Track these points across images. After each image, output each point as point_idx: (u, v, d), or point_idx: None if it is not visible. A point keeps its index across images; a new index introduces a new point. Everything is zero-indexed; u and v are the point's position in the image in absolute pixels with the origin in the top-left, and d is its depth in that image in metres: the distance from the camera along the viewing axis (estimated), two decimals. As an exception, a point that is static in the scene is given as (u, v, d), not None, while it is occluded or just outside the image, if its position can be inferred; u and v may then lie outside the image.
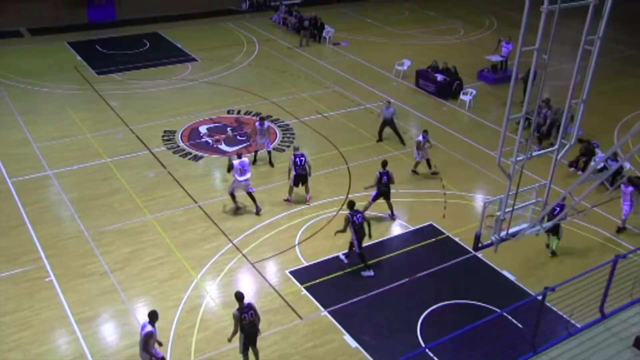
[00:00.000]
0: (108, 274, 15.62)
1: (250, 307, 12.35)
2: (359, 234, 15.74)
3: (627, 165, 20.85)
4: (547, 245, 17.14)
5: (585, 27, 11.63)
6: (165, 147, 22.19)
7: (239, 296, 12.26)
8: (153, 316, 11.99)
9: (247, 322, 12.26)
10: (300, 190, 18.90)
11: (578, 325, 11.51)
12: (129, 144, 22.30)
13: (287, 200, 18.85)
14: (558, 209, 15.92)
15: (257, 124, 20.79)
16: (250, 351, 12.75)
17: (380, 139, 23.19)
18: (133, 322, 14.16)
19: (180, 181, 19.87)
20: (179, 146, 22.25)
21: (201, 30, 36.47)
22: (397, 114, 23.34)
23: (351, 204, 15.97)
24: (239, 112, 25.19)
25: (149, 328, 11.86)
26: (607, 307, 11.65)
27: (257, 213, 18.24)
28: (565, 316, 12.82)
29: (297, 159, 18.39)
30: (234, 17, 39.02)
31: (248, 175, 18.00)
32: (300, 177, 18.55)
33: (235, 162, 17.83)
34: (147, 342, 11.86)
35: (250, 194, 18.22)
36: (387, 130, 23.14)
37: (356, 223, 15.72)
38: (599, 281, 11.48)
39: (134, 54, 31.79)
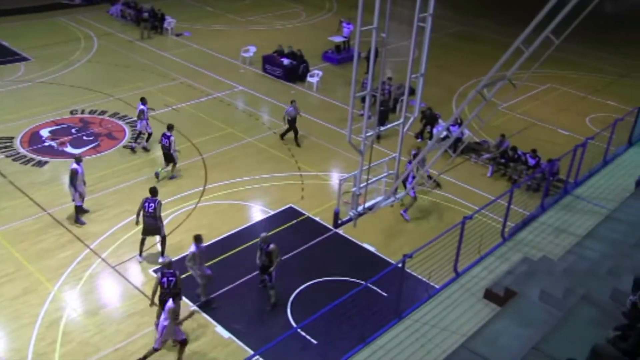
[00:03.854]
0: (-48, 298, 14.34)
1: None
2: (145, 223, 15.61)
3: (466, 132, 22.23)
4: None
5: (417, 5, 12.18)
6: (3, 155, 20.61)
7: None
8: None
9: None
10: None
11: (436, 286, 12.16)
12: (-39, 155, 20.51)
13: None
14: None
15: (142, 104, 20.88)
16: None
17: (282, 138, 22.48)
18: (-13, 345, 13.14)
19: (24, 189, 18.59)
20: (19, 153, 20.77)
21: (31, 26, 34.09)
22: (247, 101, 23.19)
23: (152, 190, 15.84)
24: (83, 112, 23.94)
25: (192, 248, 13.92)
26: (460, 265, 12.43)
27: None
28: (424, 279, 13.52)
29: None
30: (67, 11, 36.87)
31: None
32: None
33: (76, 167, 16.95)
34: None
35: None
36: (227, 119, 22.94)
37: (146, 211, 15.60)
38: (451, 242, 12.20)
39: (-43, 57, 29.17)
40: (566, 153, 15.12)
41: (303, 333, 13.32)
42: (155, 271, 15.26)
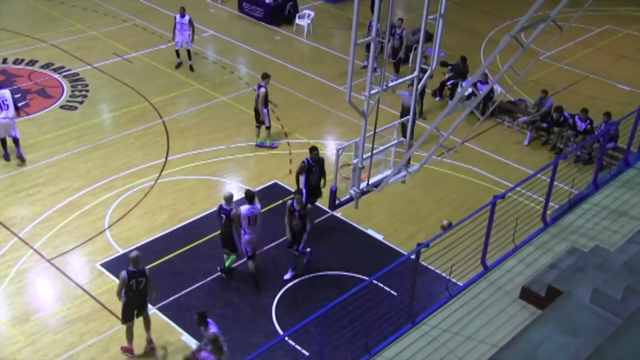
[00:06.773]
0: None
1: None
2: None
3: (497, 89, 22.20)
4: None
5: None
6: None
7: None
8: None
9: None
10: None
11: (459, 284, 12.18)
12: None
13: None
14: None
15: (177, 16, 23.50)
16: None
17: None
18: None
19: None
20: None
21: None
22: (219, 50, 22.86)
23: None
24: (5, 62, 23.77)
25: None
26: (490, 257, 12.44)
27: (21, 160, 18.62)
28: (444, 275, 13.57)
29: None
30: None
31: (8, 113, 17.90)
32: None
33: None
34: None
35: (15, 140, 18.33)
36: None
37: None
38: (478, 228, 12.19)
39: None
40: (628, 115, 15.05)
41: (292, 342, 13.39)
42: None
